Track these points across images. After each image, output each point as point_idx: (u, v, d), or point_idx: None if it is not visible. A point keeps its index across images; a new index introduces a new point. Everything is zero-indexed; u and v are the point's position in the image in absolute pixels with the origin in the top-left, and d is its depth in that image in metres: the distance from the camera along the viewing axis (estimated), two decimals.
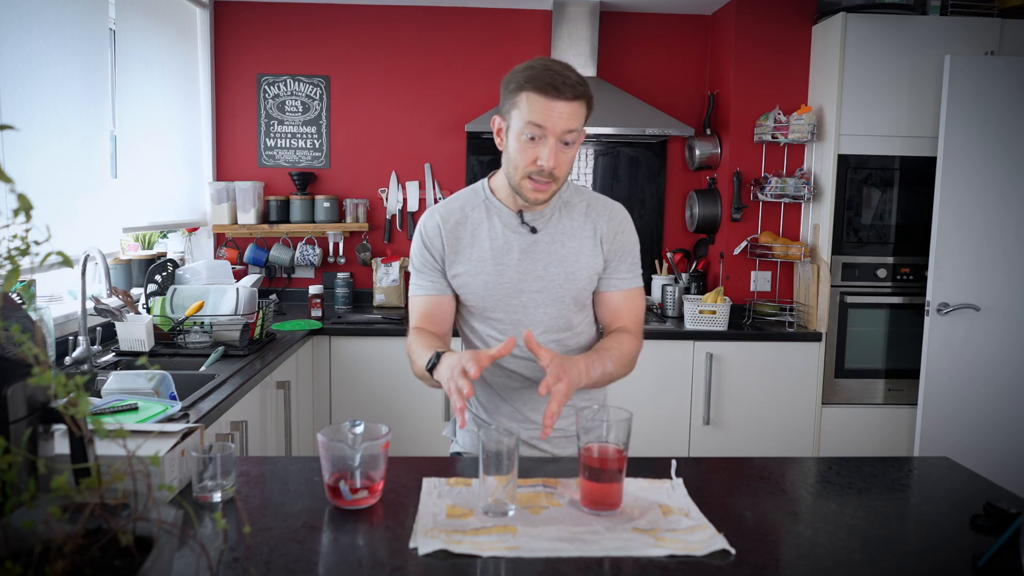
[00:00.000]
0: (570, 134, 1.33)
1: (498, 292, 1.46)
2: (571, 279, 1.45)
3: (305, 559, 0.96)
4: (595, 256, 1.47)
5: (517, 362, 1.49)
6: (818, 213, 3.28)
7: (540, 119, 1.30)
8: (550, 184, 1.36)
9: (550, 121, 1.30)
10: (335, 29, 3.59)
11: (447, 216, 1.47)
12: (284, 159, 3.65)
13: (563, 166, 1.36)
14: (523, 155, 1.34)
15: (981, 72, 2.93)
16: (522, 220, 1.45)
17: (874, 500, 1.22)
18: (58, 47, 2.28)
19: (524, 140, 1.33)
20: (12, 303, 0.91)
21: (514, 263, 1.44)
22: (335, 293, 3.48)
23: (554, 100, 1.29)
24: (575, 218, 1.47)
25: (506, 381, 1.51)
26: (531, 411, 1.51)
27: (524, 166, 1.35)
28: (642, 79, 3.68)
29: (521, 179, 1.36)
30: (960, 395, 3.05)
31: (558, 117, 1.30)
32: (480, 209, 1.47)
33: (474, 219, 1.46)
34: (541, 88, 1.30)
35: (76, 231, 2.38)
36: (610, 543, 1.02)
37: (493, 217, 1.46)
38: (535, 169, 1.34)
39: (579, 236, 1.46)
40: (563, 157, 1.35)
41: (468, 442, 1.59)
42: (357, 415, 2.93)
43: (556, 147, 1.33)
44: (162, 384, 1.90)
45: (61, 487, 0.68)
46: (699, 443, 3.19)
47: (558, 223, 1.46)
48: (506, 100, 1.37)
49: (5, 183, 0.67)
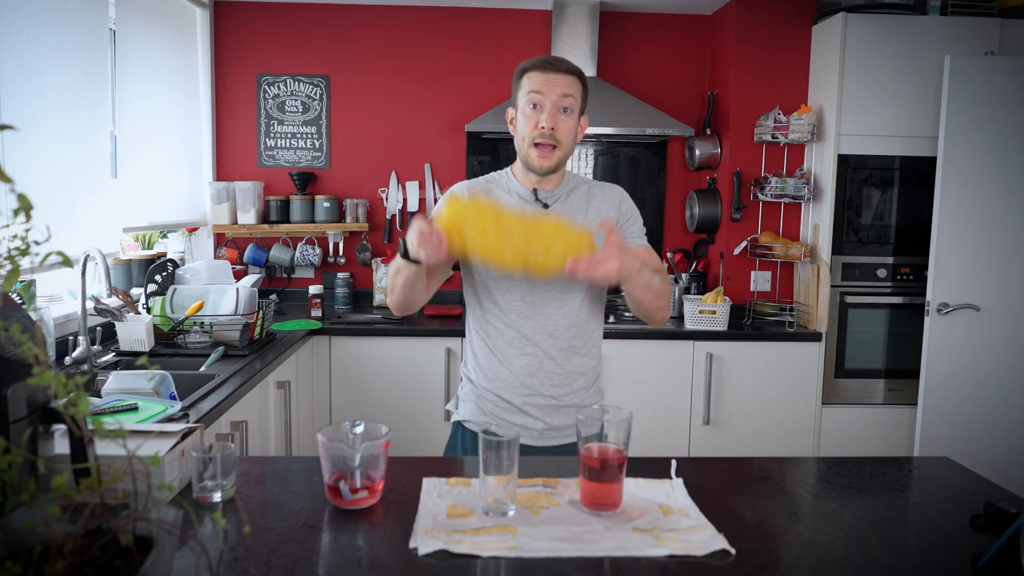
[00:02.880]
0: (567, 99, 1.51)
1: None
2: None
3: (305, 559, 0.96)
4: None
5: (523, 322, 1.57)
6: (818, 213, 3.28)
7: (538, 87, 1.51)
8: (554, 150, 1.53)
9: (547, 87, 1.50)
10: (335, 29, 3.59)
11: (473, 186, 1.66)
12: (284, 159, 3.65)
13: (562, 131, 1.52)
14: (527, 124, 1.53)
15: (981, 72, 2.93)
16: (536, 197, 1.60)
17: (874, 500, 1.22)
18: (58, 47, 2.28)
19: (528, 111, 1.53)
20: (12, 303, 0.91)
21: None
22: (335, 293, 3.48)
23: (549, 72, 1.51)
24: (581, 197, 1.63)
25: (508, 348, 1.58)
26: (529, 377, 1.58)
27: (529, 133, 1.52)
28: (642, 79, 3.68)
29: (528, 148, 1.53)
30: (960, 395, 3.05)
31: (554, 85, 1.50)
32: (503, 187, 1.65)
33: (496, 193, 1.64)
34: (539, 66, 1.53)
35: (76, 231, 2.37)
36: (610, 543, 1.02)
37: (512, 193, 1.63)
38: (538, 133, 1.51)
39: (584, 210, 1.61)
40: (562, 124, 1.52)
41: (468, 411, 1.66)
42: (357, 415, 2.93)
43: (554, 111, 1.51)
44: (162, 384, 1.90)
45: (61, 487, 0.68)
46: (699, 443, 3.19)
47: (566, 201, 1.61)
48: (514, 89, 1.57)
49: (5, 183, 0.67)
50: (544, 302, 1.57)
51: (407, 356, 3.05)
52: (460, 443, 1.67)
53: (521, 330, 1.57)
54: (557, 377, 1.59)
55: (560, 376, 1.59)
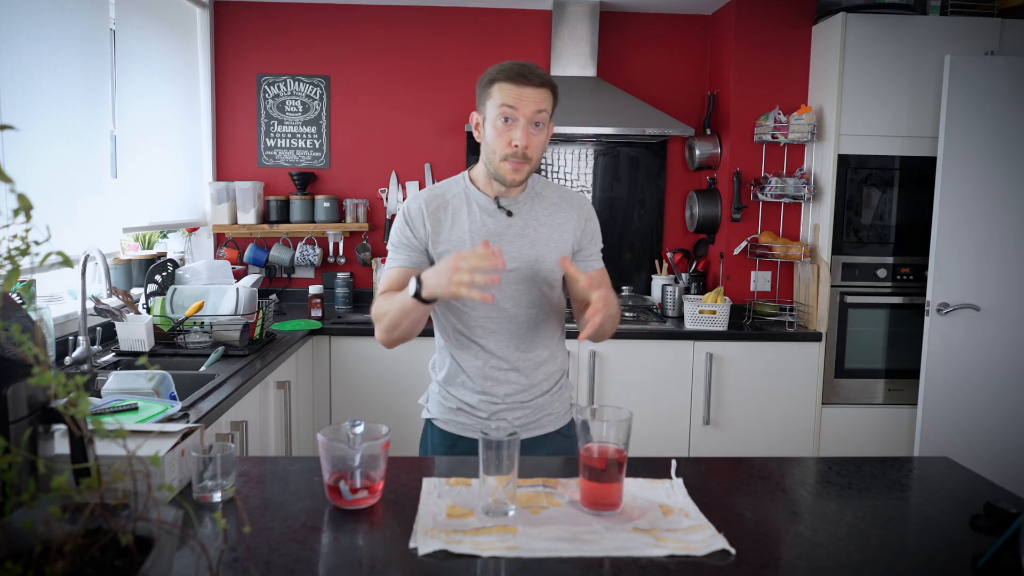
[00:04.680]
0: (540, 114, 1.47)
1: None
2: (541, 260, 1.57)
3: (305, 559, 0.96)
4: (565, 243, 1.59)
5: (488, 336, 1.57)
6: (818, 213, 3.28)
7: (512, 101, 1.45)
8: (525, 164, 1.49)
9: (521, 103, 1.45)
10: (335, 29, 3.59)
11: (430, 200, 1.58)
12: (284, 159, 3.65)
13: (534, 147, 1.49)
14: (499, 139, 1.48)
15: (981, 72, 2.93)
16: (498, 205, 1.56)
17: (874, 500, 1.22)
18: (58, 47, 2.28)
19: (499, 125, 1.47)
20: (12, 303, 0.91)
21: (491, 243, 1.53)
22: (335, 293, 3.48)
23: (523, 86, 1.45)
24: (546, 207, 1.60)
25: (483, 321, 1.56)
26: (496, 347, 1.58)
27: (501, 149, 1.48)
28: (642, 79, 3.68)
29: (500, 162, 1.49)
30: (960, 395, 3.05)
31: (528, 100, 1.45)
32: (460, 196, 1.58)
33: (454, 204, 1.57)
34: (511, 77, 1.46)
35: (76, 231, 2.37)
36: (610, 543, 1.02)
37: (472, 203, 1.57)
38: (511, 151, 1.47)
39: (550, 223, 1.59)
40: (534, 139, 1.48)
41: (436, 410, 1.67)
42: (357, 415, 2.92)
43: (527, 128, 1.46)
44: (162, 384, 1.90)
45: (61, 487, 0.68)
46: (699, 443, 3.19)
47: (531, 210, 1.58)
48: (481, 95, 1.51)
49: (5, 183, 0.67)
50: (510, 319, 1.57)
51: (407, 356, 3.05)
52: (430, 441, 1.69)
53: (500, 299, 1.55)
54: (521, 383, 1.59)
55: (524, 382, 1.59)
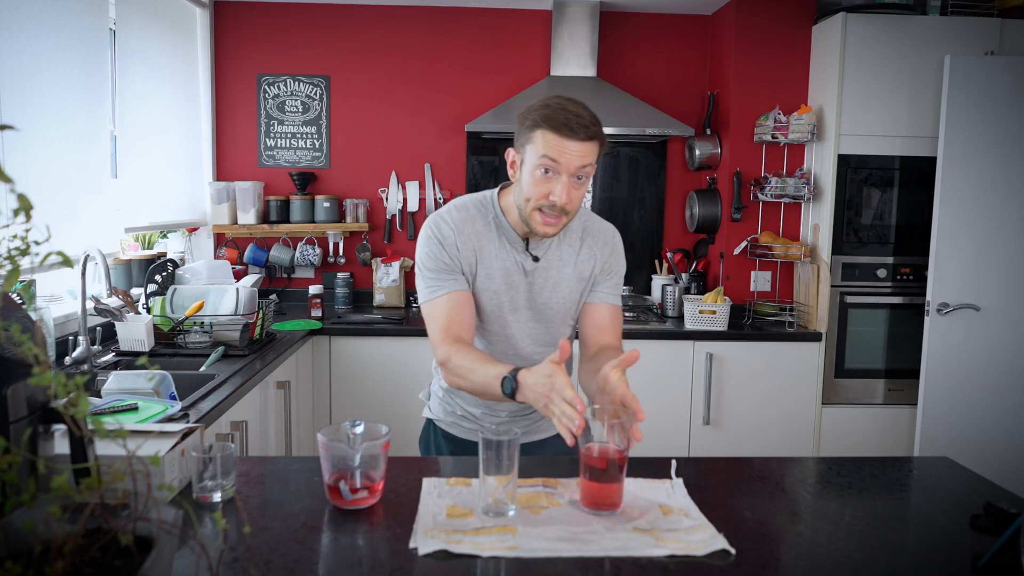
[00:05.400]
0: (584, 169, 1.36)
1: (501, 307, 1.51)
2: (563, 303, 1.53)
3: (305, 559, 0.96)
4: (582, 279, 1.54)
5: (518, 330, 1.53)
6: (818, 213, 3.28)
7: (554, 154, 1.33)
8: (560, 218, 1.40)
9: (564, 157, 1.33)
10: (335, 29, 3.59)
11: (461, 226, 1.48)
12: (284, 159, 3.65)
13: (575, 201, 1.39)
14: (536, 189, 1.37)
15: (981, 72, 2.93)
16: (527, 247, 1.50)
17: (874, 500, 1.22)
18: (58, 47, 2.28)
19: (538, 175, 1.36)
20: (12, 303, 0.91)
21: (516, 283, 1.50)
22: (335, 293, 3.48)
23: (568, 139, 1.33)
24: (572, 243, 1.53)
25: (498, 355, 1.52)
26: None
27: (536, 199, 1.38)
28: (642, 79, 3.68)
29: (532, 211, 1.39)
30: (960, 395, 3.05)
31: (572, 155, 1.33)
32: (491, 227, 1.50)
33: (485, 235, 1.49)
34: (556, 127, 1.33)
35: (76, 231, 2.37)
36: (610, 543, 1.02)
37: (503, 238, 1.49)
38: (547, 204, 1.37)
39: (573, 261, 1.52)
40: (575, 193, 1.38)
41: (439, 411, 1.66)
42: (357, 415, 2.92)
43: (569, 183, 1.36)
44: (162, 384, 1.90)
45: (61, 487, 0.68)
46: (699, 443, 3.19)
47: (557, 250, 1.52)
48: (521, 135, 1.40)
49: (5, 183, 0.67)
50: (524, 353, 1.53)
51: (407, 356, 3.05)
52: (432, 440, 1.68)
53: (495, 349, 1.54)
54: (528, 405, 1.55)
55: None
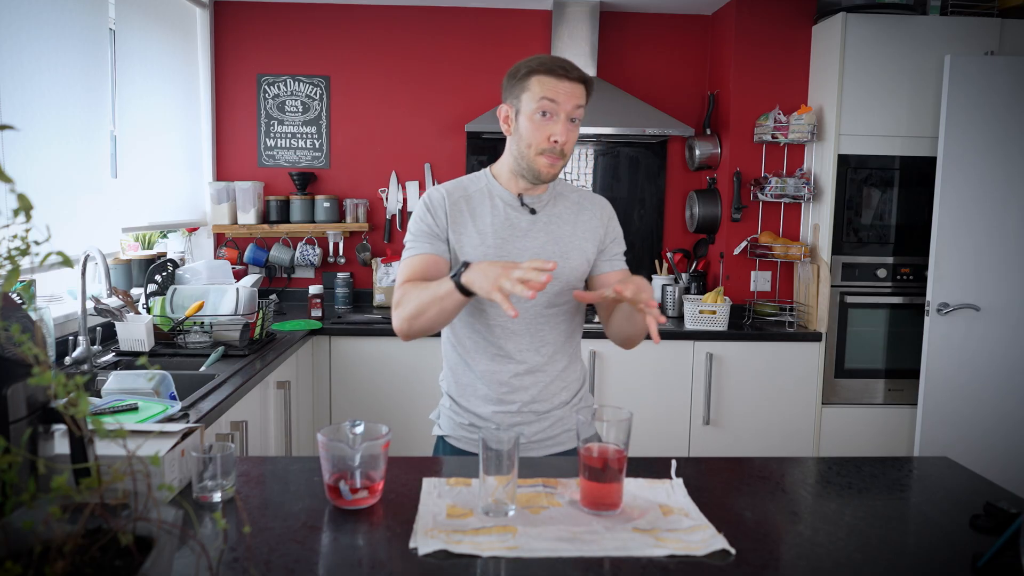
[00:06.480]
0: (577, 110, 1.46)
1: None
2: (565, 258, 1.54)
3: (305, 559, 0.96)
4: (588, 241, 1.58)
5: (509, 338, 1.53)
6: (818, 213, 3.28)
7: (552, 95, 1.43)
8: (560, 159, 1.48)
9: (561, 97, 1.43)
10: (335, 29, 3.59)
11: (452, 191, 1.56)
12: (284, 159, 3.65)
13: (570, 142, 1.48)
14: (537, 133, 1.45)
15: (981, 72, 2.93)
16: (522, 202, 1.55)
17: (874, 500, 1.22)
18: (58, 47, 2.28)
19: (537, 119, 1.45)
20: (12, 303, 0.91)
21: (514, 239, 1.52)
22: (335, 293, 3.48)
23: (563, 80, 1.44)
24: (569, 206, 1.59)
25: (504, 321, 1.52)
26: (515, 349, 1.52)
27: (538, 143, 1.46)
28: (642, 79, 3.68)
29: (536, 155, 1.47)
30: (960, 395, 3.05)
31: (568, 95, 1.44)
32: (483, 191, 1.56)
33: (477, 198, 1.55)
34: (551, 70, 1.44)
35: (76, 231, 2.37)
36: (610, 543, 1.02)
37: (495, 198, 1.55)
38: (549, 146, 1.46)
39: (573, 221, 1.57)
40: (571, 135, 1.47)
41: (448, 426, 1.62)
42: (357, 415, 2.93)
43: (566, 123, 1.45)
44: (162, 384, 1.90)
45: (61, 487, 0.68)
46: (699, 443, 3.19)
47: (553, 207, 1.57)
48: (514, 87, 1.48)
49: (5, 183, 0.67)
50: (532, 318, 1.52)
51: (407, 356, 3.05)
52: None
53: (501, 342, 1.52)
54: (538, 387, 1.54)
55: (541, 388, 1.55)
